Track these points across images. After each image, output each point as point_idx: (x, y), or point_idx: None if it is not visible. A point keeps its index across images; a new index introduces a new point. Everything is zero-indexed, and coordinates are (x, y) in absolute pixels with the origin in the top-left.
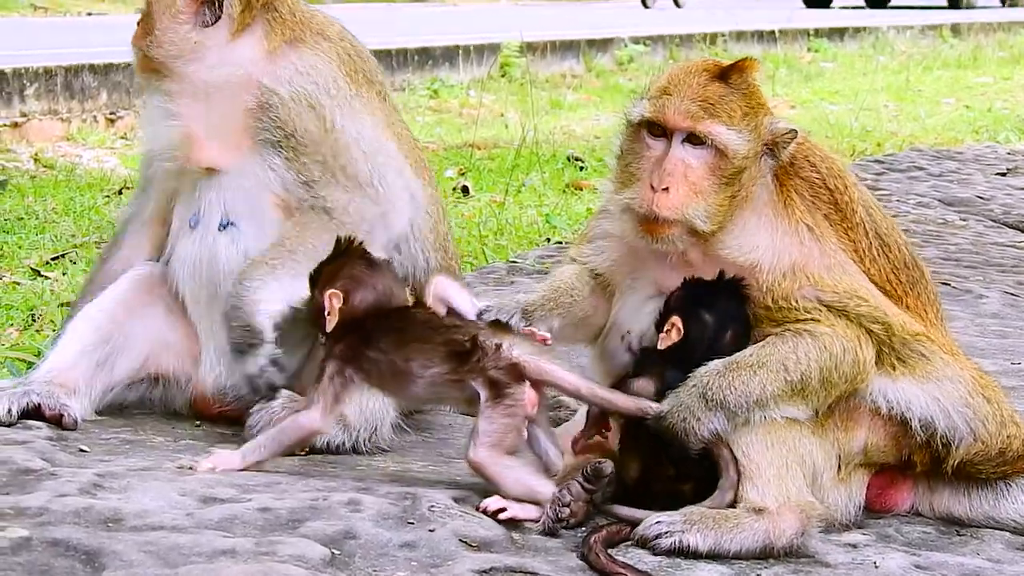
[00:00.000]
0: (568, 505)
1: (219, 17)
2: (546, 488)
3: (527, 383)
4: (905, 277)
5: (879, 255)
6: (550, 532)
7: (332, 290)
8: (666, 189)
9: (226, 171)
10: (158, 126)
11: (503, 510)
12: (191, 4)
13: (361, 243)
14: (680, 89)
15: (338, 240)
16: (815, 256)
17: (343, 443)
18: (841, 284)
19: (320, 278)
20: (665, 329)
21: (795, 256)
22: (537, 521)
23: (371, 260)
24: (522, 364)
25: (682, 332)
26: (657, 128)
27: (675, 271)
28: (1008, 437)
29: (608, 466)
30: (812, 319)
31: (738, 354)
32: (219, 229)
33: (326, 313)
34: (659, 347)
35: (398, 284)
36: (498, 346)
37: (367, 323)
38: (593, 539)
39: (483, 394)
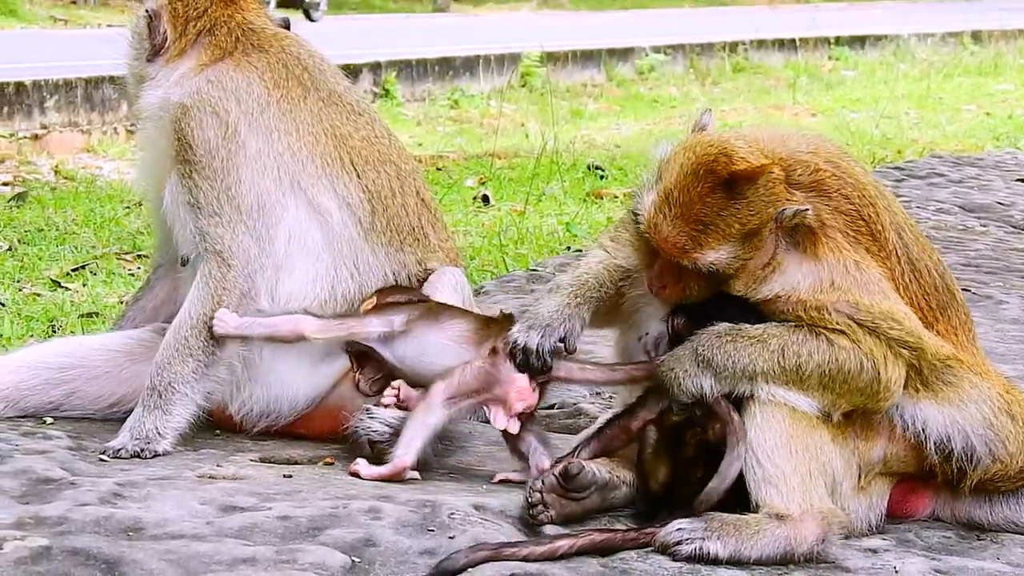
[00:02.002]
0: (540, 492)
1: (160, 49)
2: (408, 457)
3: (526, 375)
4: (936, 302)
5: (911, 281)
6: (524, 521)
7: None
8: (664, 286)
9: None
10: (138, 164)
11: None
12: (138, 40)
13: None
14: (675, 206)
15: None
16: (859, 283)
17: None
18: (878, 307)
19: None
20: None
21: (839, 282)
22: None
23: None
24: None
25: None
26: None
27: None
28: None
29: (576, 466)
30: (840, 331)
31: (748, 325)
32: (182, 265)
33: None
34: None
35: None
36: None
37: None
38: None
39: (484, 354)
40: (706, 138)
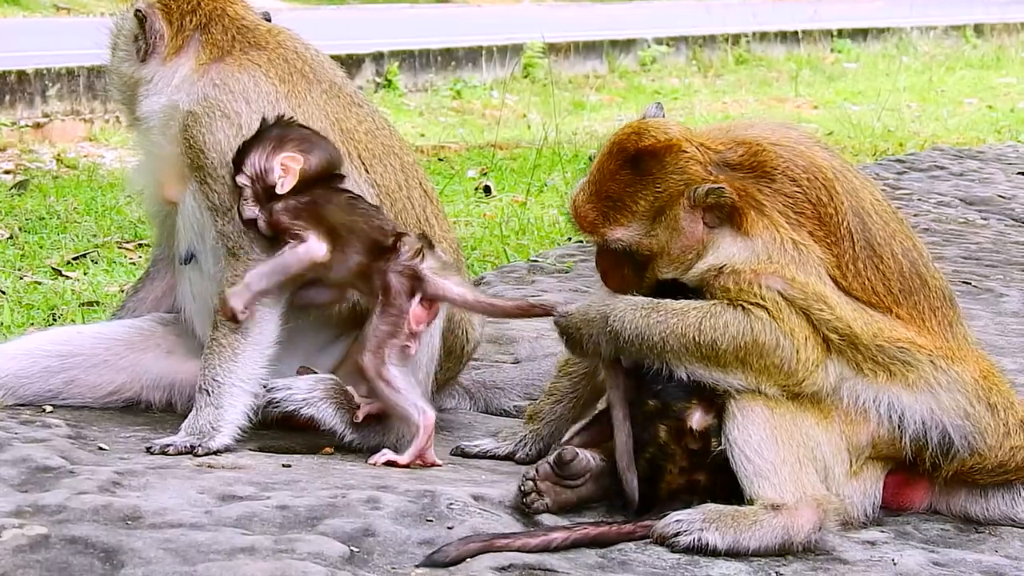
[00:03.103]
0: (533, 480)
1: (152, 48)
2: (419, 415)
3: (417, 299)
4: (899, 287)
5: (866, 267)
6: (519, 509)
7: (288, 154)
8: (605, 272)
9: (181, 203)
10: (136, 166)
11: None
12: (127, 41)
13: (291, 117)
14: (592, 184)
15: (264, 119)
16: (796, 261)
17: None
18: (811, 287)
19: (260, 146)
20: None
21: (776, 256)
22: (407, 465)
23: (309, 128)
24: (422, 275)
25: None
26: None
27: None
28: (1012, 449)
29: (569, 453)
30: (760, 305)
31: (671, 300)
32: (184, 263)
33: (278, 177)
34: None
35: (337, 150)
36: (414, 253)
37: (318, 188)
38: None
39: (379, 297)
40: (631, 121)
